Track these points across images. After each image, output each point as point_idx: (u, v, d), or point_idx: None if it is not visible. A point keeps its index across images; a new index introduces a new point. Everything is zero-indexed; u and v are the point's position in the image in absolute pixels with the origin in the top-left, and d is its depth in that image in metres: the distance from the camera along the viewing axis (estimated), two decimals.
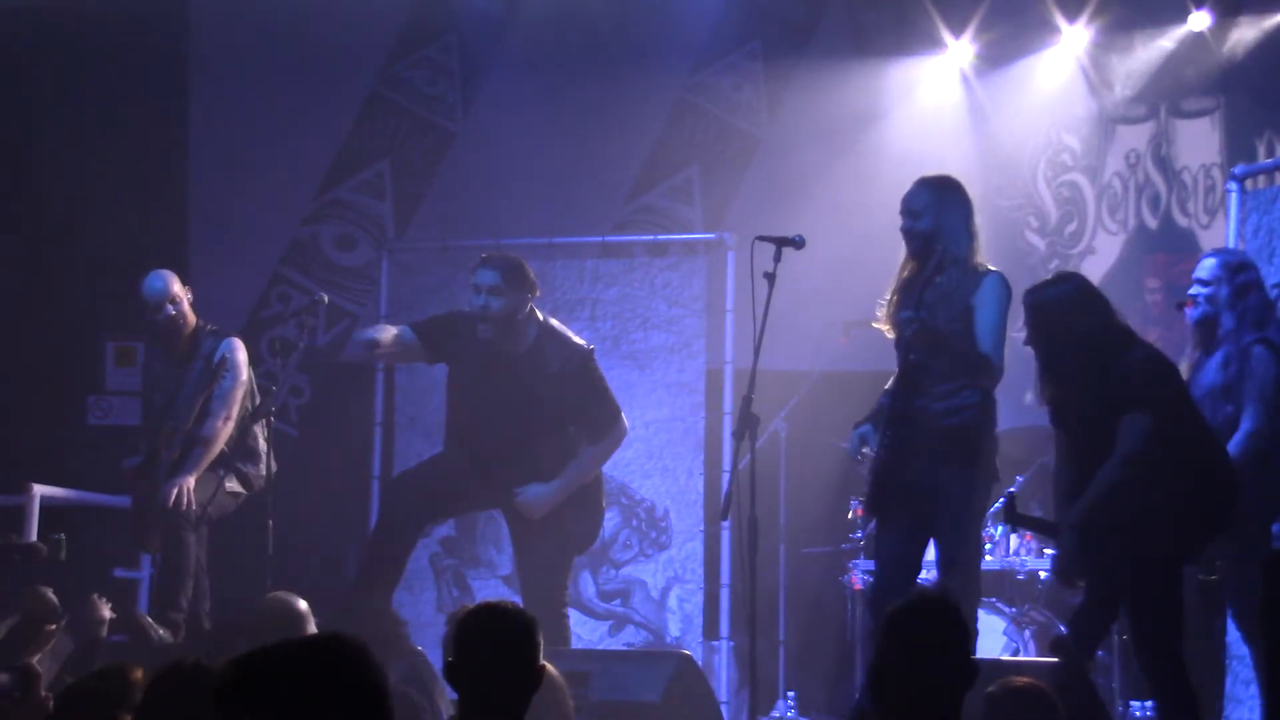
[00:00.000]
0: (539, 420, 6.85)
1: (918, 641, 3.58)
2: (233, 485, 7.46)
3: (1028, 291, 5.99)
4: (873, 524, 6.48)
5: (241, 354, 7.55)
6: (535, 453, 6.85)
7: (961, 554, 6.17)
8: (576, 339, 6.99)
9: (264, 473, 7.49)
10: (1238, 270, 6.47)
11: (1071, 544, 5.78)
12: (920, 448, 6.12)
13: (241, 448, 7.50)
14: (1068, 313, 5.84)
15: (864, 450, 6.30)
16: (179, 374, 7.52)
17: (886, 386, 6.50)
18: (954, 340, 6.14)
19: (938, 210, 6.25)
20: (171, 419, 7.47)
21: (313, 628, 5.42)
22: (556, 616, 6.81)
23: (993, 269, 6.30)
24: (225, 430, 7.46)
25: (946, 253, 6.15)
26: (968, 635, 3.67)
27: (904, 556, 6.23)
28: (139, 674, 4.01)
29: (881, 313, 6.40)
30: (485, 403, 6.88)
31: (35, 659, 5.91)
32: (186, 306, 7.54)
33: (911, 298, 6.23)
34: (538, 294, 6.96)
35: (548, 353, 6.86)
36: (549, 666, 4.58)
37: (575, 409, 6.87)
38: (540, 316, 6.92)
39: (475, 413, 6.94)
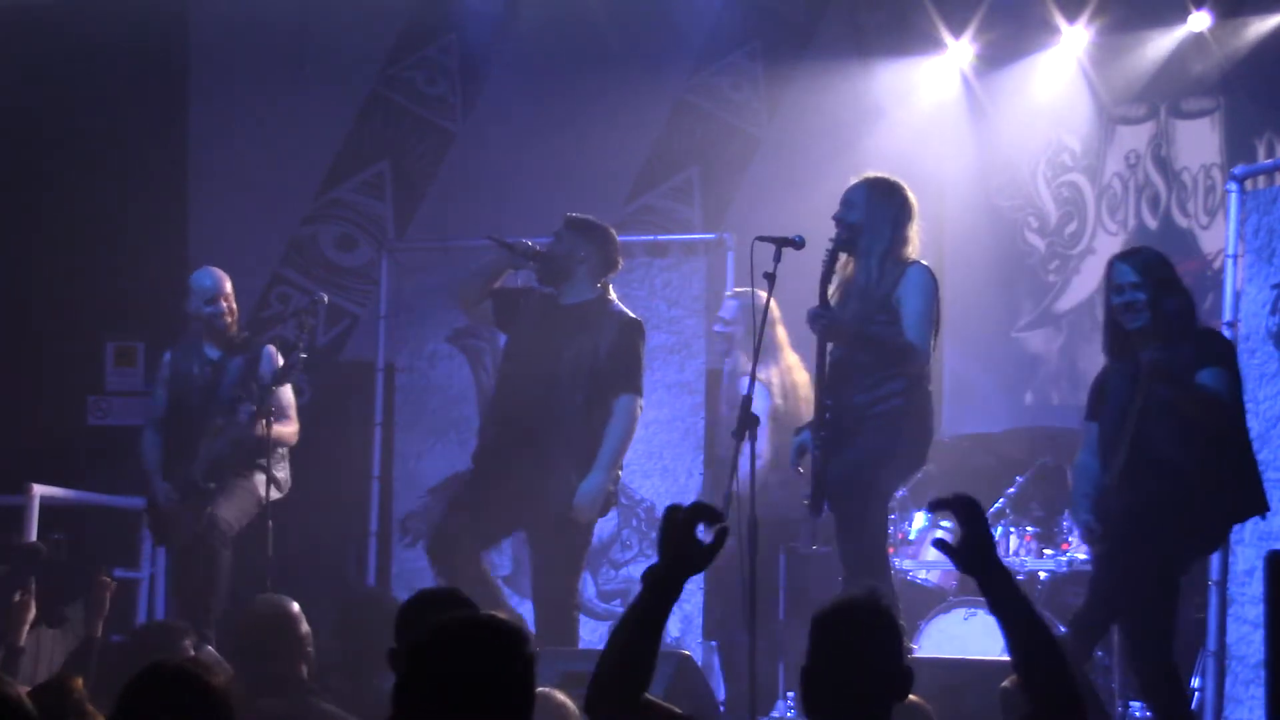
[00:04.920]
0: (576, 394, 6.78)
1: (846, 646, 3.40)
2: (262, 493, 7.45)
3: (1130, 250, 6.28)
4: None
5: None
6: (561, 440, 6.77)
7: (860, 529, 6.32)
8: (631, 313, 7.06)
9: (288, 474, 7.58)
10: None
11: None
12: (852, 441, 6.28)
13: (275, 453, 7.53)
14: (1172, 268, 6.06)
15: (800, 469, 6.46)
16: (217, 372, 7.55)
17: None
18: (869, 330, 6.27)
19: (869, 206, 6.41)
20: (218, 415, 7.49)
21: (305, 629, 5.43)
22: (568, 619, 6.80)
23: (917, 260, 6.39)
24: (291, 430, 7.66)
25: (867, 248, 6.34)
26: (899, 640, 3.46)
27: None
28: (79, 683, 3.97)
29: None
30: (530, 374, 6.86)
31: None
32: (234, 305, 7.72)
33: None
34: (617, 270, 7.08)
35: (599, 308, 6.92)
36: (555, 694, 4.51)
37: (610, 363, 6.83)
38: (610, 290, 7.01)
39: (519, 389, 6.91)
